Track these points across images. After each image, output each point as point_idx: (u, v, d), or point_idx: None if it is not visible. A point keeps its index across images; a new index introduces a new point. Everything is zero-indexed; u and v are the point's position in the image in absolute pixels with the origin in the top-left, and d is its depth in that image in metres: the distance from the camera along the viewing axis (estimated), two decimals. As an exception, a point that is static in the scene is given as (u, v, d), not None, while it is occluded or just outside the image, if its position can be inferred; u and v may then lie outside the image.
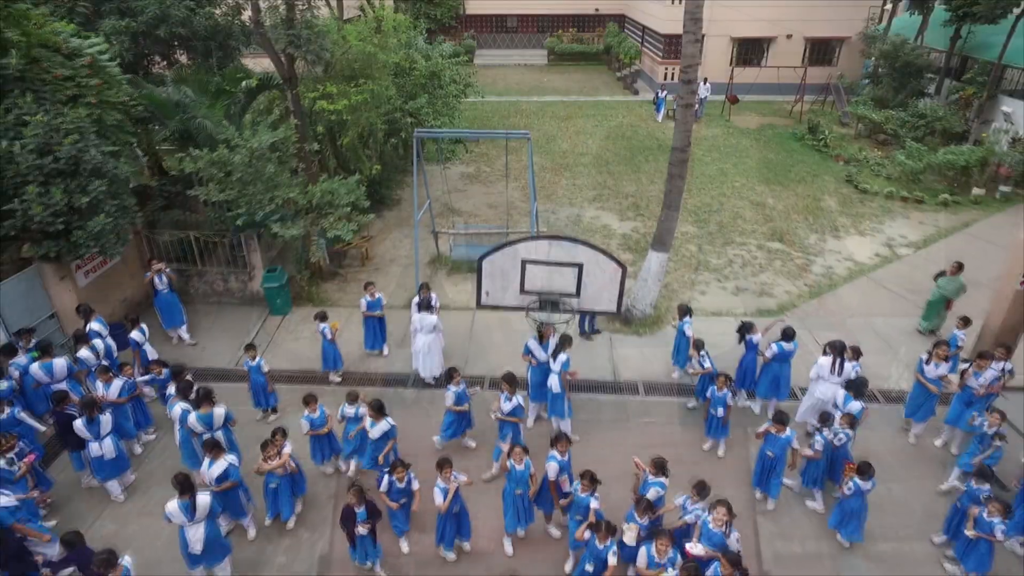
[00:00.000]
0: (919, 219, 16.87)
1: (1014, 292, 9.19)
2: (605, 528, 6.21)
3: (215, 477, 6.90)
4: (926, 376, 8.55)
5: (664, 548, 6.07)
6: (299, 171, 11.36)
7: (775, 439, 7.54)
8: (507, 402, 7.91)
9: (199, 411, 7.59)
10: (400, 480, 6.89)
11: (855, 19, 28.73)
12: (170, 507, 6.32)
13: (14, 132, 8.83)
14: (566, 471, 7.00)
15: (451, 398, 8.22)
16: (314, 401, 7.86)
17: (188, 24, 14.83)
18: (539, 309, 8.03)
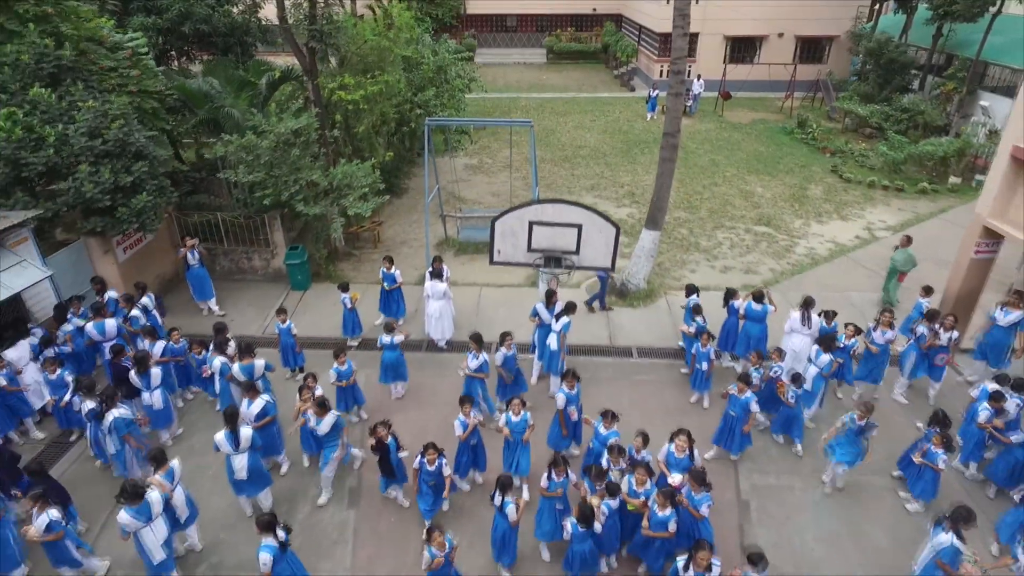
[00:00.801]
0: (899, 206, 17.86)
1: (969, 261, 10.18)
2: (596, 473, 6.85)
3: (254, 415, 7.84)
4: (874, 342, 9.43)
5: (642, 479, 6.87)
6: (320, 156, 12.29)
7: (736, 399, 8.23)
8: (474, 359, 8.80)
9: (241, 362, 8.54)
10: (431, 463, 7.22)
11: (844, 18, 29.72)
12: (218, 437, 7.28)
13: (68, 117, 9.78)
14: (574, 403, 7.96)
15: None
16: (343, 354, 8.80)
17: (209, 21, 15.87)
18: (544, 265, 9.00)
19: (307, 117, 11.90)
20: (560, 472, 6.93)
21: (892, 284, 12.34)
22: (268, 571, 5.98)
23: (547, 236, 8.82)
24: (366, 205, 11.74)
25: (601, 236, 8.73)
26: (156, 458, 6.84)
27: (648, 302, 12.74)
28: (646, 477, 6.91)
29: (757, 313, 9.89)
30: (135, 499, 6.28)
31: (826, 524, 7.85)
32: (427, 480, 7.33)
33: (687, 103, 27.15)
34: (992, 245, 10.11)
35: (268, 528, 6.07)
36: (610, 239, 8.73)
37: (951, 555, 6.19)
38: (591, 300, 12.30)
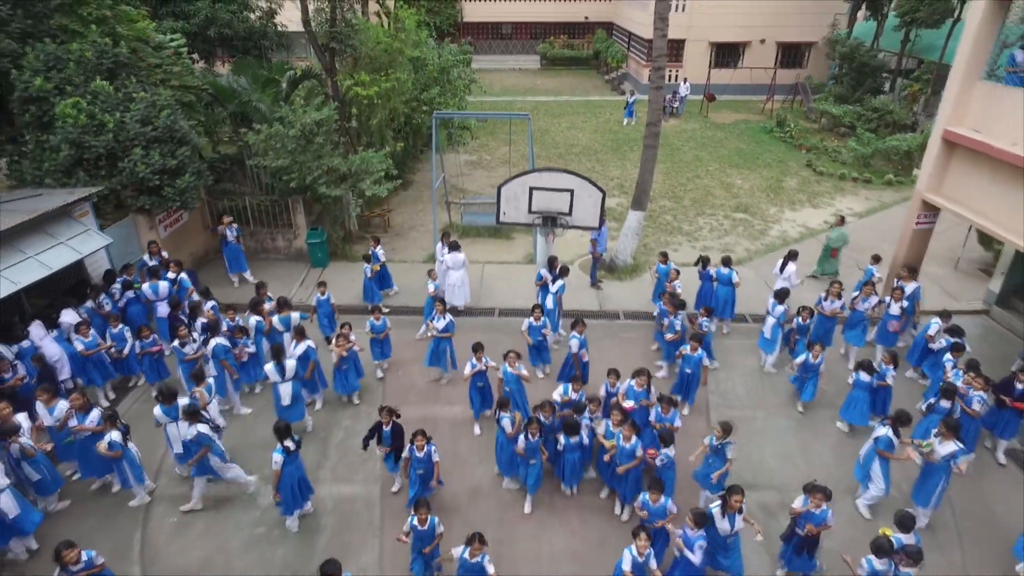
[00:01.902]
0: (866, 195, 19.41)
1: (912, 231, 11.66)
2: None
3: (298, 355, 9.19)
4: (825, 310, 10.73)
5: (619, 419, 7.76)
6: (339, 144, 13.68)
7: (690, 358, 9.25)
8: (440, 320, 9.94)
9: (280, 314, 9.91)
10: (420, 449, 7.50)
11: (822, 25, 31.38)
12: (268, 368, 8.65)
13: (123, 106, 11.15)
14: (584, 347, 9.36)
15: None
16: (378, 311, 10.11)
17: (231, 26, 17.28)
18: (543, 225, 10.43)
19: (328, 110, 13.31)
20: (535, 431, 7.70)
21: (826, 259, 13.81)
22: (278, 468, 7.31)
23: (545, 199, 10.26)
24: (381, 188, 13.14)
25: (590, 199, 10.18)
26: (196, 375, 8.38)
27: (634, 276, 14.18)
28: (621, 417, 7.82)
29: (725, 276, 11.33)
30: (169, 399, 7.85)
31: (781, 445, 9.26)
32: (416, 468, 7.62)
33: (674, 105, 28.80)
34: (930, 216, 11.59)
35: (282, 434, 7.38)
36: (597, 201, 10.18)
37: (886, 444, 7.62)
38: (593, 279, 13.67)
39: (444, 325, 10.01)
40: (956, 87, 10.57)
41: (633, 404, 8.32)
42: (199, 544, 7.60)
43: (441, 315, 10.02)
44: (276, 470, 7.31)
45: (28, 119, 10.87)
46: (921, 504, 7.83)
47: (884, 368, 9.12)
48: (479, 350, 9.03)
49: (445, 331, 10.05)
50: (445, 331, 10.05)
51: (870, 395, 9.04)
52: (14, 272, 9.05)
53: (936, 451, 7.57)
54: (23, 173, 11.20)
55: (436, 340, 10.19)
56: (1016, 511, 8.17)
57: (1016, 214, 9.64)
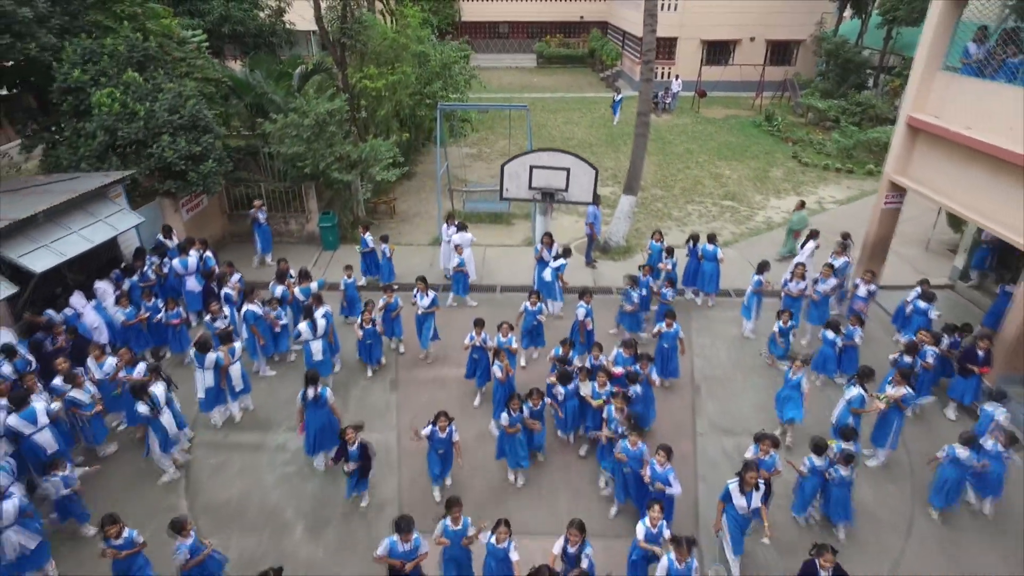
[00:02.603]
0: (848, 185, 20.42)
1: (881, 211, 12.63)
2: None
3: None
4: (790, 290, 11.56)
5: (603, 381, 8.58)
6: (349, 133, 14.60)
7: (667, 333, 9.92)
8: (424, 299, 10.58)
9: (300, 286, 10.85)
10: (442, 430, 7.69)
11: (809, 24, 32.41)
12: (302, 327, 9.61)
13: (152, 97, 12.04)
14: (590, 316, 10.24)
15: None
16: (391, 292, 10.99)
17: (244, 24, 18.18)
18: (541, 200, 11.39)
19: (339, 101, 14.22)
20: (516, 407, 8.05)
21: (789, 240, 14.80)
22: (300, 407, 8.29)
23: (543, 177, 11.21)
24: (390, 173, 14.08)
25: (585, 176, 11.14)
26: (222, 337, 9.33)
27: (627, 256, 15.13)
28: (606, 380, 8.65)
29: (710, 253, 12.29)
30: (204, 349, 8.89)
31: (756, 398, 10.23)
32: (437, 448, 7.87)
33: (667, 101, 29.79)
34: (897, 197, 12.55)
35: (309, 380, 8.30)
36: (591, 178, 11.14)
37: (859, 402, 8.53)
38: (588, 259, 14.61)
39: (429, 302, 10.64)
40: (918, 77, 11.54)
41: (621, 370, 9.11)
42: (237, 481, 8.52)
43: (424, 293, 10.63)
44: (299, 407, 8.31)
45: (66, 108, 11.77)
46: (879, 445, 8.79)
47: (851, 329, 10.08)
48: (480, 325, 9.67)
49: (431, 306, 10.68)
50: (431, 306, 10.68)
51: (835, 352, 10.01)
52: (61, 245, 9.96)
53: (889, 395, 8.53)
54: (59, 158, 12.10)
55: (422, 316, 10.75)
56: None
57: (969, 191, 10.63)
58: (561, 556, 6.42)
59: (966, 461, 7.69)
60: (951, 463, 7.82)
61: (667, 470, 7.18)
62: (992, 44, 10.61)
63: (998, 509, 8.23)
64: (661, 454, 7.24)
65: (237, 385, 9.45)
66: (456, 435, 7.86)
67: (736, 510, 6.91)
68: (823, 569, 6.15)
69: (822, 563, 6.14)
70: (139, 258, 11.85)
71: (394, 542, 6.35)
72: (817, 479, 7.65)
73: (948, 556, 7.62)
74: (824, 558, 6.13)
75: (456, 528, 6.53)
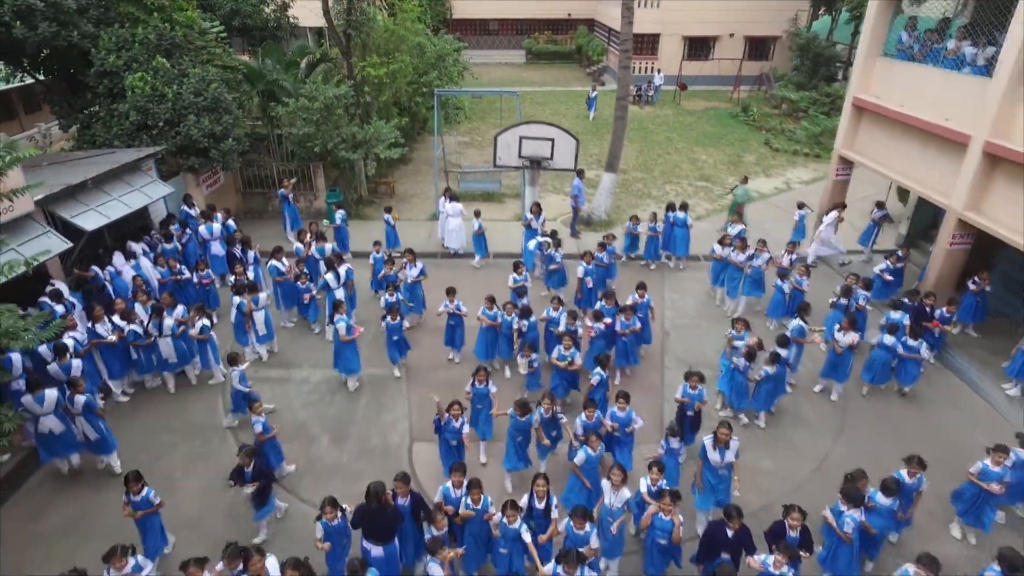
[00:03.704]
0: (814, 167, 22.00)
1: (832, 182, 14.18)
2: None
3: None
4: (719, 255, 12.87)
5: (568, 345, 9.21)
6: (355, 116, 15.97)
7: (640, 304, 10.61)
8: (413, 269, 11.50)
9: (317, 244, 12.24)
10: (455, 419, 7.77)
11: (785, 21, 34.07)
12: (328, 276, 11.02)
13: (179, 81, 13.35)
14: (589, 274, 11.52)
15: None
16: (412, 254, 12.01)
17: (253, 17, 19.45)
18: (530, 167, 12.85)
19: (345, 87, 15.58)
20: (482, 379, 8.43)
21: (733, 213, 16.29)
22: (345, 336, 9.69)
23: (531, 147, 12.68)
24: (393, 151, 15.47)
25: (568, 146, 12.65)
26: (249, 287, 10.68)
27: (608, 229, 16.57)
28: (571, 343, 9.29)
29: (681, 220, 13.78)
30: (246, 292, 10.36)
31: (717, 342, 11.65)
32: (450, 439, 7.92)
33: (649, 93, 31.33)
34: (846, 169, 14.12)
35: (336, 308, 9.79)
36: (573, 148, 12.64)
37: (799, 331, 10.03)
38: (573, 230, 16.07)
39: (417, 272, 11.52)
40: (861, 63, 13.12)
41: (609, 320, 10.21)
42: (268, 401, 9.85)
43: (412, 263, 11.48)
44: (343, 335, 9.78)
45: (102, 91, 13.07)
46: (838, 380, 10.09)
47: (799, 279, 11.58)
48: (451, 293, 10.48)
49: (420, 276, 11.58)
50: (420, 276, 11.58)
51: (784, 297, 11.53)
52: (105, 208, 11.29)
53: (840, 341, 9.81)
54: (94, 136, 13.39)
55: (411, 287, 11.56)
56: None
57: (904, 161, 12.19)
58: (528, 511, 6.72)
59: (891, 345, 9.78)
60: (881, 347, 9.81)
61: (628, 412, 7.95)
62: (920, 33, 12.19)
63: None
64: (621, 401, 7.96)
65: (260, 330, 10.81)
66: (466, 427, 7.89)
67: (711, 464, 7.50)
68: (791, 529, 6.50)
69: (790, 522, 6.49)
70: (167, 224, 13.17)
71: (447, 488, 6.81)
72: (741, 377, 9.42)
73: (868, 455, 9.10)
74: (792, 517, 6.47)
75: (477, 507, 6.67)
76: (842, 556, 6.81)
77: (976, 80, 10.40)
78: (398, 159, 19.80)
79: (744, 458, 8.59)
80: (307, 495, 8.33)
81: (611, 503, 6.87)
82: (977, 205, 10.51)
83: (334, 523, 6.51)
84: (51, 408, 8.06)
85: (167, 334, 9.85)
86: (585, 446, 7.45)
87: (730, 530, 6.50)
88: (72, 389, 8.24)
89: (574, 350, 9.37)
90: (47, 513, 8.05)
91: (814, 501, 8.02)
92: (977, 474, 7.46)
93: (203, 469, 8.70)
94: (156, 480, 8.38)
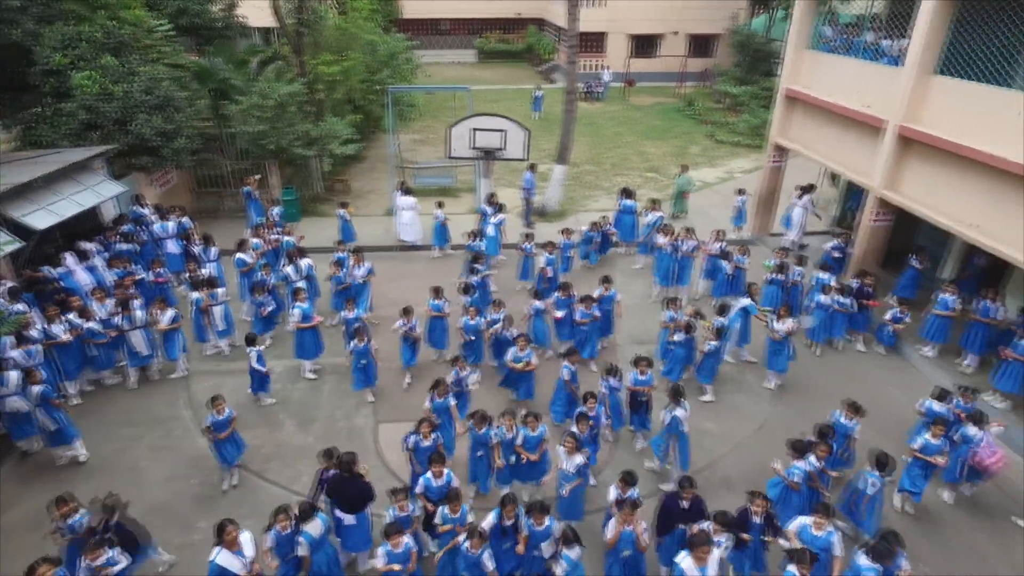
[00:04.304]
0: (755, 158, 23.07)
1: (768, 168, 15.07)
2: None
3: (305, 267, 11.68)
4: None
5: (523, 346, 9.22)
6: (309, 114, 16.10)
7: (606, 296, 10.94)
8: (359, 269, 11.47)
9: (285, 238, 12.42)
10: (425, 438, 7.47)
11: (726, 19, 35.42)
12: (288, 269, 11.19)
13: (128, 79, 13.27)
14: (550, 264, 11.97)
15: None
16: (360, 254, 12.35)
17: (200, 16, 19.33)
18: (482, 158, 13.27)
19: (297, 85, 15.70)
20: (443, 393, 8.24)
21: (679, 200, 17.20)
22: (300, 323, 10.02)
23: (484, 138, 13.14)
24: (347, 148, 15.67)
25: (519, 137, 13.16)
26: (208, 283, 10.81)
27: (561, 219, 17.17)
28: (525, 344, 9.31)
29: (629, 207, 14.44)
30: (204, 287, 10.57)
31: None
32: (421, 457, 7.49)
33: (598, 90, 32.16)
34: (779, 156, 15.02)
35: (297, 295, 10.09)
36: (524, 139, 13.16)
37: (752, 310, 10.74)
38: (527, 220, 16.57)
39: (364, 271, 11.55)
40: (791, 55, 14.00)
41: (560, 315, 10.75)
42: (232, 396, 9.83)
43: (359, 264, 11.54)
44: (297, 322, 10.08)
45: (47, 89, 12.89)
46: (778, 369, 10.45)
47: (739, 257, 12.33)
48: (408, 313, 10.01)
49: (367, 275, 11.62)
50: (367, 275, 11.62)
51: (727, 277, 12.29)
52: (56, 207, 11.17)
53: (778, 330, 10.18)
54: (40, 137, 13.18)
55: (360, 286, 11.59)
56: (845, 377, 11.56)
57: (830, 145, 13.11)
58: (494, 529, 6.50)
59: (826, 303, 11.12)
60: (817, 307, 10.90)
61: (648, 376, 8.59)
62: (840, 27, 13.14)
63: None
64: (642, 365, 8.69)
65: (219, 325, 10.95)
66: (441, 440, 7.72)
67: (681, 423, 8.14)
68: (755, 515, 6.62)
69: (754, 509, 6.60)
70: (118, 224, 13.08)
71: (427, 479, 6.79)
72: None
73: (806, 417, 9.84)
74: (756, 504, 6.59)
75: (455, 516, 6.56)
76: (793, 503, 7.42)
77: (889, 69, 11.31)
78: (353, 157, 19.99)
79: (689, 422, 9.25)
80: (274, 477, 8.57)
81: (566, 468, 7.34)
82: (894, 185, 11.43)
83: (286, 532, 6.25)
84: (15, 388, 8.23)
85: (139, 325, 9.90)
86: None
87: (684, 501, 6.67)
88: (29, 379, 8.32)
89: (529, 351, 9.30)
90: (13, 508, 8.06)
91: (756, 459, 8.74)
92: (920, 449, 7.72)
93: (168, 457, 8.83)
94: (121, 470, 8.60)
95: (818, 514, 6.37)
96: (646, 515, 6.98)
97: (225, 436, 8.11)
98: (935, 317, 10.84)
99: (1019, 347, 9.41)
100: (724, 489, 8.47)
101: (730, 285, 12.43)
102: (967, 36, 9.97)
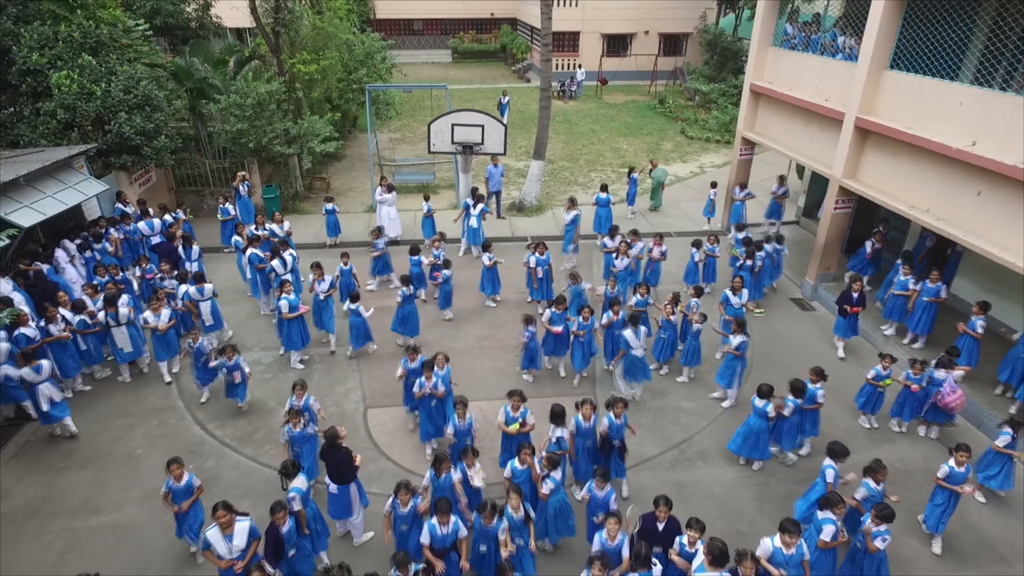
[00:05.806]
0: (725, 153, 23.82)
1: (737, 161, 15.70)
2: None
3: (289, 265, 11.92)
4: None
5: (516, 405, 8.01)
6: (288, 112, 16.29)
7: (574, 288, 11.92)
8: (321, 284, 11.00)
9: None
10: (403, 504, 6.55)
11: (695, 18, 36.27)
12: (275, 263, 11.45)
13: (107, 78, 13.36)
14: (540, 265, 12.10)
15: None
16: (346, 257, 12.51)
17: (175, 16, 19.40)
18: (461, 152, 13.64)
19: (276, 84, 15.90)
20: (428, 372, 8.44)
21: (658, 193, 17.83)
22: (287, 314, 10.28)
23: (463, 133, 13.52)
24: (327, 146, 15.90)
25: (496, 132, 13.54)
26: (196, 277, 11.05)
27: (539, 213, 17.63)
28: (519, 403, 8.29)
29: (603, 200, 14.93)
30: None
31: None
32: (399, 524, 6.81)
33: (572, 88, 32.70)
34: (748, 149, 15.66)
35: (283, 287, 10.41)
36: (501, 133, 13.57)
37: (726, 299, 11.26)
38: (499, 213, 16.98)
39: (326, 286, 11.01)
40: (755, 52, 14.62)
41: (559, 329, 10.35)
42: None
43: (321, 278, 10.99)
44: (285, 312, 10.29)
45: (25, 89, 12.93)
46: (724, 384, 10.38)
47: (710, 247, 12.90)
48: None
49: (328, 290, 11.06)
50: (328, 290, 11.06)
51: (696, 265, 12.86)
52: (40, 205, 11.27)
53: (733, 344, 9.63)
54: (18, 137, 13.20)
55: (321, 302, 11.16)
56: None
57: (794, 138, 13.75)
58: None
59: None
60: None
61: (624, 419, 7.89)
62: (798, 25, 13.80)
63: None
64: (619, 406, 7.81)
65: (208, 320, 11.14)
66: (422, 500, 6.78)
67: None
68: (660, 520, 6.51)
69: (658, 514, 6.49)
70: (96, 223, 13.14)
71: (433, 526, 6.30)
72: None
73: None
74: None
75: (439, 480, 6.79)
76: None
77: (846, 65, 11.97)
78: (332, 155, 20.22)
79: (666, 400, 9.87)
80: (268, 460, 8.84)
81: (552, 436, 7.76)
82: (853, 173, 12.08)
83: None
84: (47, 375, 8.83)
85: (123, 322, 10.06)
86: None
87: (660, 522, 6.51)
88: (24, 360, 8.64)
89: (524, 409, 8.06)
90: (10, 496, 8.21)
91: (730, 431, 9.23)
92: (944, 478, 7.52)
93: (164, 445, 9.03)
94: (118, 458, 8.79)
95: (786, 532, 6.11)
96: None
97: (186, 508, 6.94)
98: (894, 297, 11.48)
99: (972, 323, 10.07)
100: (700, 461, 8.99)
101: (697, 273, 12.98)
102: (916, 33, 10.64)
